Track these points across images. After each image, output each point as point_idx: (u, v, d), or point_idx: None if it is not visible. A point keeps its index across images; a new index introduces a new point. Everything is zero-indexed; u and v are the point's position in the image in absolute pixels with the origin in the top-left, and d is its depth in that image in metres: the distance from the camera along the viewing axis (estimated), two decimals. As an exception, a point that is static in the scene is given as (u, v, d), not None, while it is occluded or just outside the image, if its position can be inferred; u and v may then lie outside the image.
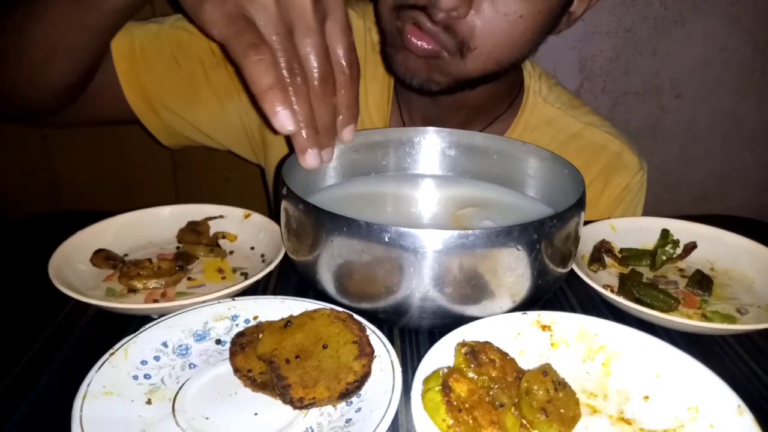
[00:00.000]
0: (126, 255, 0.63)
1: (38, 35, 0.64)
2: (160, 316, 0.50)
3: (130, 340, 0.46)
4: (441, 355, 0.44)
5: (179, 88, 0.80)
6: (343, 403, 0.42)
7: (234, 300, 0.52)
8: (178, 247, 0.66)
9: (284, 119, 0.45)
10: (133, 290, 0.58)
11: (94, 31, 0.66)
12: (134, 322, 0.52)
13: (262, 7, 0.46)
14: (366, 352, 0.44)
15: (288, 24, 0.46)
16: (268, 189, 0.98)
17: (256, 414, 0.42)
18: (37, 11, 0.63)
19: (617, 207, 0.87)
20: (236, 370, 0.45)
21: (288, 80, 0.46)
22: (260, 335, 0.47)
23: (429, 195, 0.70)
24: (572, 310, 0.58)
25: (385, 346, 0.46)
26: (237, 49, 0.45)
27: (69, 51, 0.66)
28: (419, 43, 0.66)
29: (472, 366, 0.42)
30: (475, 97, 0.76)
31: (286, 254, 0.58)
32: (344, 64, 0.50)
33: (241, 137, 0.88)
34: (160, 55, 0.77)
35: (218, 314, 0.50)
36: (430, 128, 0.70)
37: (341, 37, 0.50)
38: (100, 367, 0.43)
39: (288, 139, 0.50)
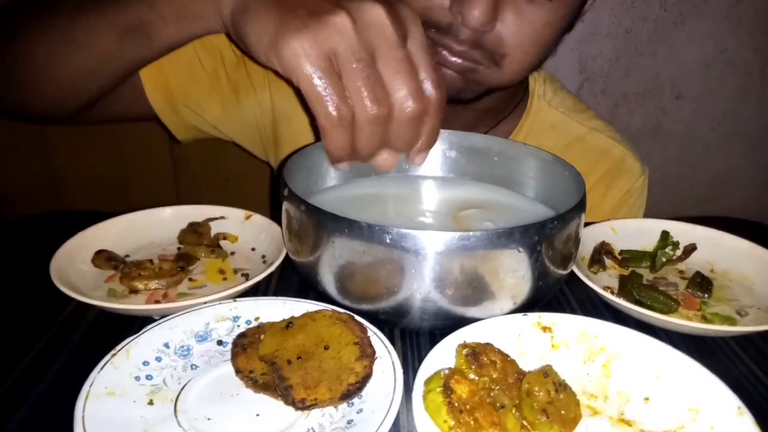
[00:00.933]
0: (127, 256, 0.64)
1: (75, 63, 0.64)
2: (162, 316, 0.50)
3: (131, 340, 0.46)
4: (442, 356, 0.45)
5: (202, 87, 0.80)
6: (345, 404, 0.42)
7: (235, 301, 0.52)
8: (179, 248, 0.66)
9: (342, 166, 0.50)
10: (134, 291, 0.58)
11: (138, 64, 0.67)
12: (136, 323, 0.52)
13: (342, 37, 0.44)
14: (367, 353, 0.45)
15: (370, 49, 0.45)
16: (273, 189, 0.98)
17: (257, 415, 0.42)
18: (76, 40, 0.62)
19: (619, 211, 0.88)
20: (238, 371, 0.45)
21: (364, 133, 0.46)
22: (262, 336, 0.47)
23: (430, 196, 0.70)
24: (573, 311, 0.58)
25: (386, 347, 0.46)
26: (319, 111, 0.45)
27: (105, 78, 0.66)
28: (452, 59, 0.66)
29: (473, 367, 0.42)
30: (483, 100, 0.77)
31: (287, 255, 0.58)
32: (431, 88, 0.48)
33: (253, 134, 0.88)
34: (184, 53, 0.76)
35: (220, 315, 0.50)
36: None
37: (424, 58, 0.48)
38: (102, 368, 0.43)
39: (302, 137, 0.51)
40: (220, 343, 0.49)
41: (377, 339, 0.47)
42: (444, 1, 0.63)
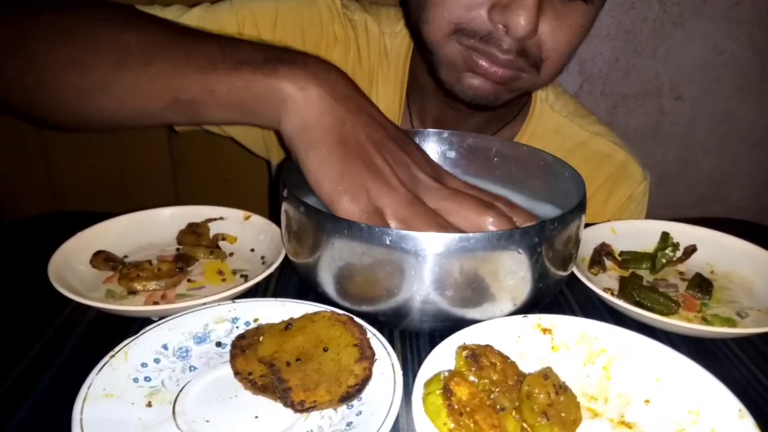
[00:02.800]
0: (126, 257, 0.63)
1: (107, 110, 0.57)
2: (161, 318, 0.50)
3: (130, 342, 0.46)
4: (442, 358, 0.44)
5: None
6: (344, 407, 0.42)
7: (234, 302, 0.51)
8: (178, 249, 0.66)
9: None
10: (133, 292, 0.57)
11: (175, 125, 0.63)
12: (134, 324, 0.52)
13: (393, 196, 0.50)
14: (367, 355, 0.44)
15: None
16: (272, 189, 0.98)
17: (256, 417, 0.42)
18: (115, 94, 0.55)
19: (621, 216, 0.88)
20: (236, 373, 0.45)
21: None
22: (261, 338, 0.47)
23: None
24: (573, 313, 0.58)
25: (385, 349, 0.46)
26: None
27: (135, 124, 0.61)
28: (497, 71, 0.66)
29: (473, 369, 0.42)
30: None
31: (286, 256, 0.58)
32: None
33: (256, 132, 0.87)
34: None
35: (218, 316, 0.50)
36: (431, 130, 0.70)
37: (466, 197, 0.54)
38: (100, 370, 0.43)
39: None
40: (218, 344, 0.49)
41: (377, 341, 0.47)
42: (481, 13, 0.63)
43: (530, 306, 0.51)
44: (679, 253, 0.66)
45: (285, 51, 0.54)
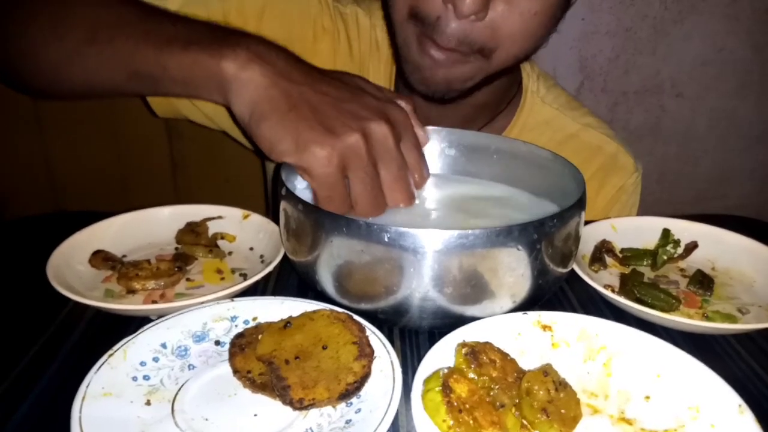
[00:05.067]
0: (125, 256, 0.63)
1: (81, 78, 0.63)
2: (159, 317, 0.49)
3: (129, 341, 0.46)
4: (441, 355, 0.44)
5: None
6: (343, 404, 0.42)
7: (233, 301, 0.51)
8: (176, 248, 0.66)
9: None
10: (131, 291, 0.57)
11: (143, 95, 0.66)
12: (133, 323, 0.52)
13: (358, 157, 0.52)
14: (366, 353, 0.44)
15: (374, 159, 0.53)
16: (266, 185, 0.97)
17: (255, 415, 0.42)
18: (86, 65, 0.61)
19: (612, 207, 0.88)
20: (235, 371, 0.45)
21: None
22: (259, 336, 0.47)
23: (429, 194, 0.70)
24: (573, 310, 0.57)
25: (385, 346, 0.46)
26: (324, 206, 0.52)
27: (110, 92, 0.66)
28: (441, 56, 0.66)
29: (473, 366, 0.42)
30: (477, 96, 0.76)
31: (285, 255, 0.58)
32: (415, 172, 0.59)
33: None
34: None
35: (217, 315, 0.50)
36: (430, 127, 0.69)
37: (415, 158, 0.58)
38: (99, 369, 0.43)
39: None
40: (217, 343, 0.49)
41: (376, 338, 0.47)
42: None
43: (530, 303, 0.51)
44: (680, 250, 0.66)
45: (232, 33, 0.57)
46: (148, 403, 0.42)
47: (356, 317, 0.48)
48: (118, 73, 0.60)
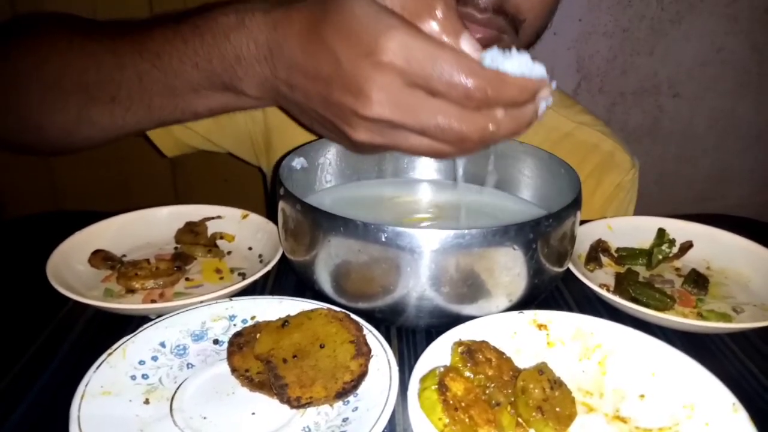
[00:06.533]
0: (124, 255, 0.64)
1: (92, 137, 0.62)
2: (158, 316, 0.50)
3: (128, 340, 0.46)
4: (438, 354, 0.45)
5: None
6: (340, 403, 0.43)
7: (232, 300, 0.52)
8: (176, 248, 0.66)
9: None
10: (131, 291, 0.58)
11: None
12: (132, 323, 0.52)
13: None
14: (363, 352, 0.45)
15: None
16: (267, 190, 0.98)
17: (253, 413, 0.42)
18: (93, 122, 0.59)
19: (610, 205, 0.88)
20: (234, 370, 0.45)
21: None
22: (258, 335, 0.47)
23: (427, 197, 0.70)
24: (569, 309, 0.58)
25: (382, 345, 0.46)
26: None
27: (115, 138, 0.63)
28: (479, 34, 0.65)
29: (469, 365, 0.42)
30: None
31: (283, 254, 0.58)
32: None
33: (245, 142, 0.88)
34: None
35: (216, 314, 0.50)
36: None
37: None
38: (98, 367, 0.43)
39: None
40: (216, 342, 0.49)
41: (373, 337, 0.47)
42: None
43: (526, 302, 0.51)
44: (675, 250, 0.66)
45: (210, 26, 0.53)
46: (147, 401, 0.43)
47: (354, 316, 0.48)
48: (143, 126, 0.60)
